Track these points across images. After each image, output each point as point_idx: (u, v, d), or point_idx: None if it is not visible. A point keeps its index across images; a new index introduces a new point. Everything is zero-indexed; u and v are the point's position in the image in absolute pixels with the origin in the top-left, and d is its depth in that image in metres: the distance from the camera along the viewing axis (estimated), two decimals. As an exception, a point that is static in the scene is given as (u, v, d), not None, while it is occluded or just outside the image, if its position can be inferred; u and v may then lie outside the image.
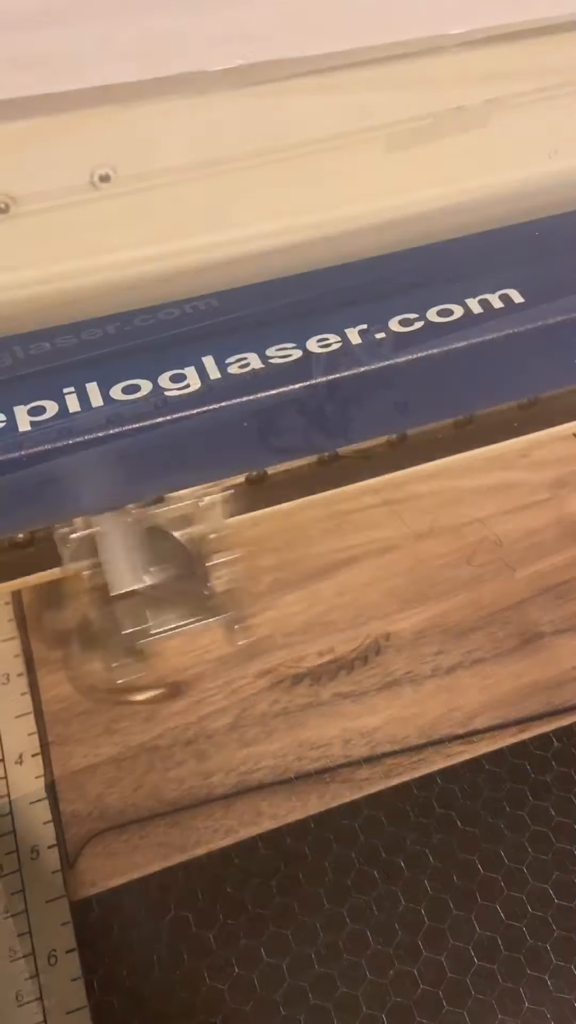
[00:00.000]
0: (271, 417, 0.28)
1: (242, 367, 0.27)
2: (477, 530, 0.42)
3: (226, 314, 0.30)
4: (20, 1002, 0.30)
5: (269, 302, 0.30)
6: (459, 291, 0.30)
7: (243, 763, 0.35)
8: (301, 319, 0.29)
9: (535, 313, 0.29)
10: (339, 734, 0.36)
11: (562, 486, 0.43)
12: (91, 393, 0.27)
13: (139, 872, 0.33)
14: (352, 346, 0.28)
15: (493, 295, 0.29)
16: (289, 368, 0.27)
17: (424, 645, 0.38)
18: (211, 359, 0.28)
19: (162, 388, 0.27)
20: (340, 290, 0.30)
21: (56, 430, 0.26)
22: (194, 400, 0.27)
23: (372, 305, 0.29)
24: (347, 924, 0.32)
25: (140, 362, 0.28)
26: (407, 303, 0.29)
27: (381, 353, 0.28)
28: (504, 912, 0.32)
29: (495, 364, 0.30)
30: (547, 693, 0.37)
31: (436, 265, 0.31)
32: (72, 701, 0.37)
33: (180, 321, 0.30)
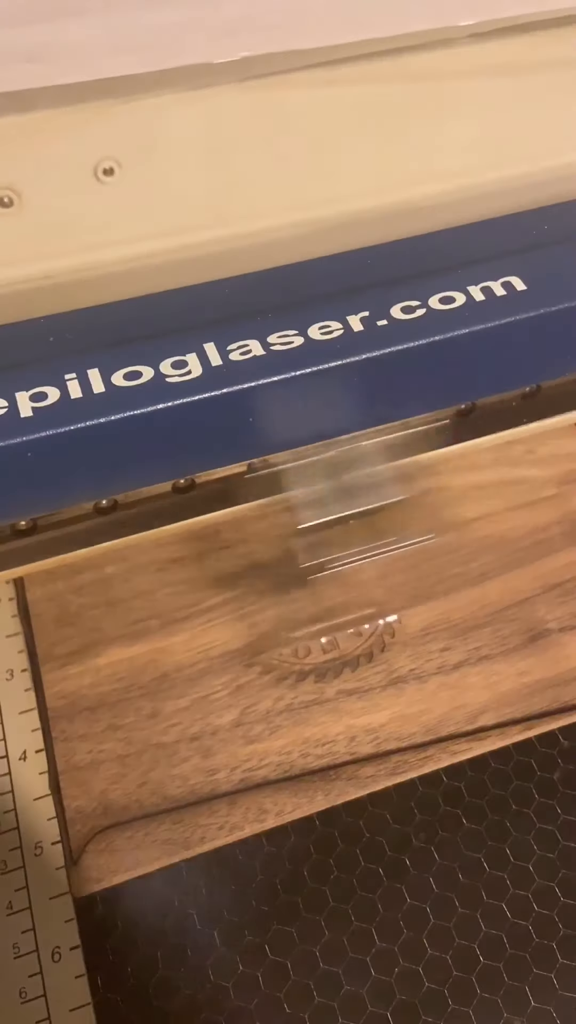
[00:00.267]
0: (273, 404, 0.28)
1: (243, 354, 0.27)
2: (483, 527, 0.42)
3: (228, 302, 0.30)
4: (23, 999, 0.30)
5: (271, 290, 0.30)
6: (462, 278, 0.30)
7: (248, 760, 0.35)
8: (303, 307, 0.29)
9: (537, 300, 0.29)
10: (344, 731, 0.36)
11: (568, 482, 0.43)
12: (93, 379, 0.27)
13: (143, 869, 0.33)
14: (354, 333, 0.28)
15: (495, 282, 0.29)
16: (290, 355, 0.27)
17: (430, 642, 0.38)
18: (212, 346, 0.28)
19: (163, 374, 0.27)
20: (342, 278, 0.30)
21: (58, 416, 0.26)
22: (195, 386, 0.27)
23: (374, 292, 0.29)
24: (352, 922, 0.32)
25: (141, 349, 0.28)
26: (409, 290, 0.29)
27: (383, 340, 0.28)
28: (510, 910, 0.32)
29: (497, 351, 0.30)
30: (553, 690, 0.36)
31: (439, 253, 0.31)
32: (76, 697, 0.37)
33: (181, 309, 0.30)
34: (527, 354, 0.30)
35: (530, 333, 0.29)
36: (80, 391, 0.27)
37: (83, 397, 0.26)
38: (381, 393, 0.29)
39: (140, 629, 0.38)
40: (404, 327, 0.28)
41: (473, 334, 0.28)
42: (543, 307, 0.29)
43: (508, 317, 0.29)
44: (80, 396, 0.26)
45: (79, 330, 0.29)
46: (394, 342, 0.28)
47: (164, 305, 0.30)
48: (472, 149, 0.34)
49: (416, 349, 0.28)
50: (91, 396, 0.26)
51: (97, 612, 0.39)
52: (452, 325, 0.28)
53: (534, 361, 0.31)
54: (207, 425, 0.28)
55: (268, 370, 0.27)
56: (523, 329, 0.29)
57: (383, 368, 0.28)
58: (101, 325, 0.29)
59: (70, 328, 0.29)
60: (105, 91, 0.30)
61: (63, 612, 0.39)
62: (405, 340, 0.28)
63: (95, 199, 0.32)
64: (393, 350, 0.28)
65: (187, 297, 0.30)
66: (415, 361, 0.28)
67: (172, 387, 0.27)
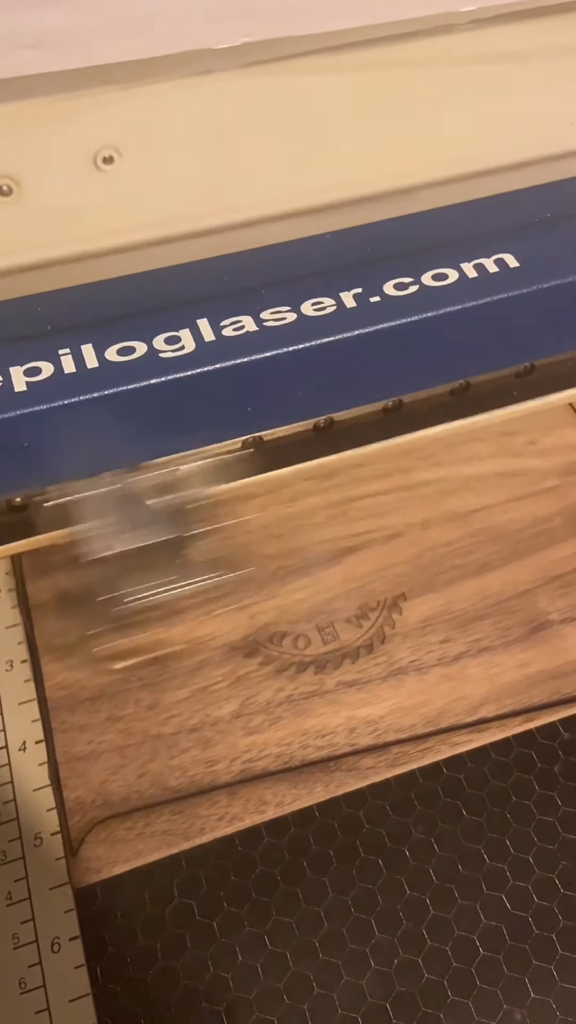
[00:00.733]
0: (265, 380, 0.28)
1: (237, 329, 0.28)
2: (484, 518, 0.42)
3: (222, 279, 0.30)
4: (23, 990, 0.30)
5: (265, 268, 0.30)
6: (455, 256, 0.30)
7: (247, 751, 0.35)
8: (296, 284, 0.29)
9: (530, 277, 0.29)
10: (344, 723, 0.35)
11: (570, 473, 0.43)
12: (86, 354, 0.27)
13: (143, 860, 0.33)
14: (347, 309, 0.28)
15: (488, 259, 0.29)
16: (283, 331, 0.28)
17: (430, 633, 0.38)
18: (206, 322, 0.28)
19: (157, 350, 0.27)
20: (336, 256, 0.30)
21: (51, 390, 0.26)
22: (188, 361, 0.27)
23: (368, 270, 0.29)
24: (352, 913, 0.32)
25: (135, 325, 0.28)
26: (402, 267, 0.29)
27: (375, 316, 0.28)
28: (510, 902, 0.32)
29: (490, 328, 0.30)
30: (554, 682, 0.36)
31: (433, 231, 0.31)
32: (76, 688, 0.36)
33: (175, 286, 0.30)
34: (520, 331, 0.30)
35: (523, 310, 0.29)
36: (74, 366, 0.27)
37: (76, 372, 0.27)
38: (374, 369, 0.29)
39: (140, 620, 0.38)
40: (397, 303, 0.28)
41: (466, 310, 0.28)
42: (535, 284, 0.29)
43: (501, 294, 0.29)
44: (74, 371, 0.27)
45: (73, 306, 0.29)
46: (387, 318, 0.28)
47: (158, 282, 0.30)
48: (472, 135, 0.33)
49: (409, 325, 0.28)
50: (84, 371, 0.27)
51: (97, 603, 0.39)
52: (445, 301, 0.28)
53: (527, 338, 0.31)
54: (200, 400, 0.28)
55: (261, 345, 0.27)
56: (516, 306, 0.29)
57: (376, 344, 0.28)
58: (95, 301, 0.29)
59: (64, 304, 0.29)
60: (104, 78, 0.30)
61: (63, 603, 0.39)
62: (398, 316, 0.28)
63: (94, 187, 0.32)
64: (386, 326, 0.28)
65: (181, 274, 0.30)
66: (408, 338, 0.28)
67: (165, 362, 0.27)
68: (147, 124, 0.31)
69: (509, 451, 0.44)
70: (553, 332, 0.31)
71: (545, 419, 0.45)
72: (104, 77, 0.30)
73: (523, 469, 0.43)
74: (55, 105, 0.30)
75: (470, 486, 0.43)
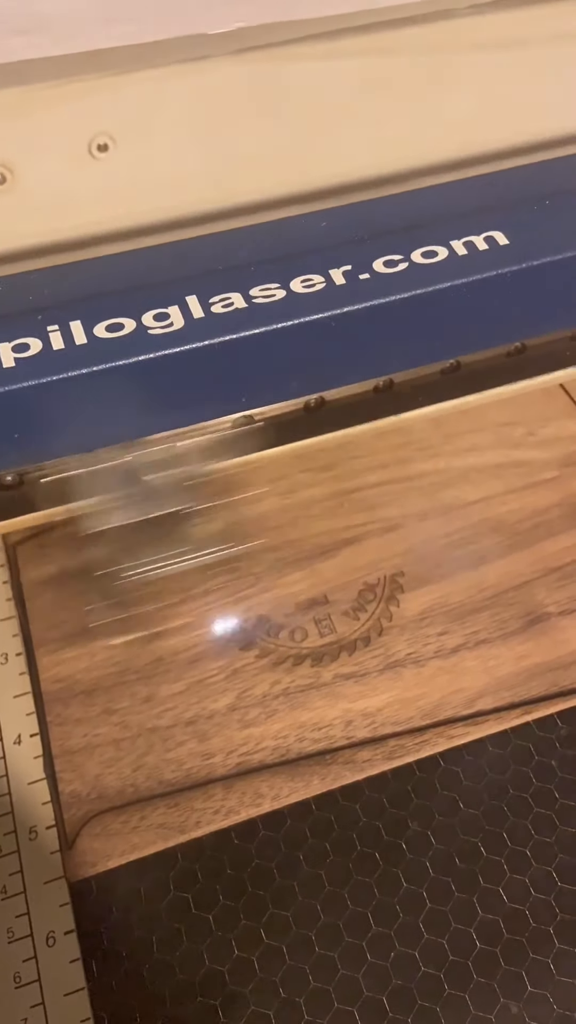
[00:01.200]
0: (254, 357, 0.28)
1: (226, 306, 0.28)
2: (482, 509, 0.41)
3: (212, 257, 0.30)
4: (18, 983, 0.30)
5: (255, 245, 0.30)
6: (445, 233, 0.30)
7: (244, 744, 0.35)
8: (287, 261, 0.29)
9: (520, 255, 0.29)
10: (341, 715, 0.35)
11: (569, 465, 0.43)
12: (75, 331, 0.27)
13: (138, 853, 0.32)
14: (336, 286, 0.28)
15: (479, 237, 0.30)
16: (272, 308, 0.28)
17: (427, 626, 0.38)
18: (195, 299, 0.28)
19: (145, 326, 0.27)
20: (327, 234, 0.30)
21: (40, 366, 0.26)
22: (177, 338, 0.27)
23: (357, 247, 0.30)
24: (348, 906, 0.32)
25: (124, 302, 0.28)
26: (392, 245, 0.29)
27: (364, 293, 0.28)
28: (507, 895, 0.32)
29: (480, 306, 0.30)
30: (552, 675, 0.36)
31: (423, 209, 0.32)
32: (71, 681, 0.36)
33: (165, 264, 0.30)
34: (510, 310, 0.30)
35: (513, 287, 0.29)
36: (62, 342, 0.27)
37: (65, 348, 0.27)
38: (363, 347, 0.29)
39: (136, 613, 0.38)
40: (386, 280, 0.28)
41: (455, 287, 0.28)
42: (525, 261, 0.29)
43: (490, 271, 0.29)
44: (62, 347, 0.27)
45: (63, 283, 0.29)
46: (375, 295, 0.28)
47: (148, 260, 0.30)
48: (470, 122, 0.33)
49: (398, 302, 0.28)
50: (73, 347, 0.27)
51: (92, 596, 0.39)
52: (434, 278, 0.28)
53: (518, 317, 0.31)
54: (189, 377, 0.28)
55: (250, 322, 0.27)
56: (506, 283, 0.29)
57: (365, 322, 0.28)
58: (85, 279, 0.30)
59: (54, 281, 0.30)
60: (99, 64, 0.30)
61: (58, 595, 0.39)
62: (387, 293, 0.28)
63: (89, 175, 0.32)
64: (375, 303, 0.28)
65: (171, 252, 0.30)
66: (397, 315, 0.28)
67: (154, 339, 0.27)
68: (142, 111, 0.31)
69: (507, 442, 0.44)
70: (543, 311, 0.31)
71: (544, 410, 0.45)
72: (98, 63, 0.30)
73: (522, 460, 0.43)
74: (48, 92, 0.30)
75: (468, 478, 0.42)
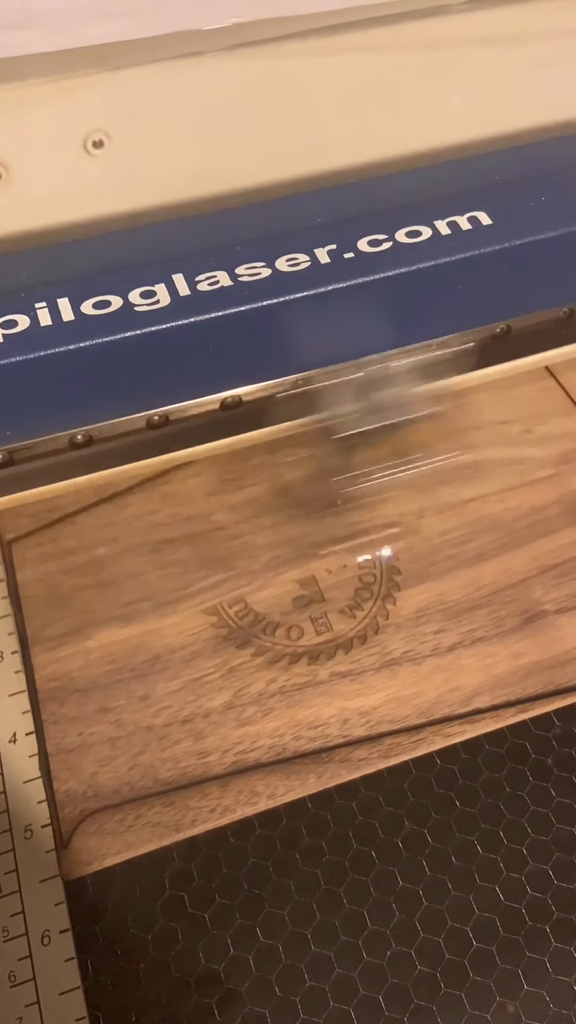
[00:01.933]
0: (239, 334, 0.28)
1: (211, 284, 0.28)
2: (479, 507, 0.41)
3: (199, 237, 0.31)
4: (13, 983, 0.30)
5: (242, 226, 0.31)
6: (429, 214, 0.30)
7: (239, 742, 0.35)
8: (273, 241, 0.30)
9: (502, 234, 0.30)
10: (337, 714, 0.35)
11: (567, 462, 0.43)
12: (62, 308, 0.28)
13: (134, 852, 0.32)
14: (320, 265, 0.29)
15: (462, 217, 0.30)
16: (257, 286, 0.28)
17: (424, 624, 0.38)
18: (181, 277, 0.29)
19: (132, 304, 0.28)
20: (313, 215, 0.31)
21: (27, 342, 0.27)
22: (163, 315, 0.27)
23: (343, 227, 0.30)
24: (344, 905, 0.31)
25: (111, 280, 0.29)
26: (377, 225, 0.30)
27: (347, 272, 0.28)
28: (503, 893, 0.32)
29: (463, 286, 0.30)
30: (549, 673, 0.36)
31: (410, 190, 0.32)
32: (67, 680, 0.36)
33: (152, 243, 0.30)
34: (494, 289, 0.31)
35: (496, 266, 0.30)
36: (50, 319, 0.27)
37: (52, 325, 0.27)
38: (349, 326, 0.29)
39: (132, 611, 0.38)
40: (369, 259, 0.29)
41: (438, 266, 0.29)
42: (507, 240, 0.29)
43: (473, 250, 0.29)
44: (50, 324, 0.27)
45: (51, 262, 0.30)
46: (358, 274, 0.29)
47: (135, 239, 0.31)
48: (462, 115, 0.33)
49: (380, 281, 0.28)
50: (60, 324, 0.27)
51: (88, 593, 0.39)
52: (418, 257, 0.29)
53: (501, 296, 0.31)
54: (174, 354, 0.28)
55: (234, 300, 0.28)
56: (489, 262, 0.29)
57: (347, 300, 0.28)
58: (73, 257, 0.30)
59: (42, 260, 0.30)
60: (94, 60, 0.29)
61: (54, 593, 0.39)
62: (369, 272, 0.28)
63: (85, 171, 0.32)
64: (357, 282, 0.28)
65: (159, 232, 0.31)
66: (379, 294, 0.29)
67: (140, 315, 0.27)
68: (137, 107, 0.31)
69: (505, 440, 0.44)
70: (526, 290, 0.31)
71: (541, 408, 0.45)
72: (93, 59, 0.29)
73: (519, 458, 0.43)
74: (44, 88, 0.30)
75: (465, 475, 0.42)
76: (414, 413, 0.32)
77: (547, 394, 0.45)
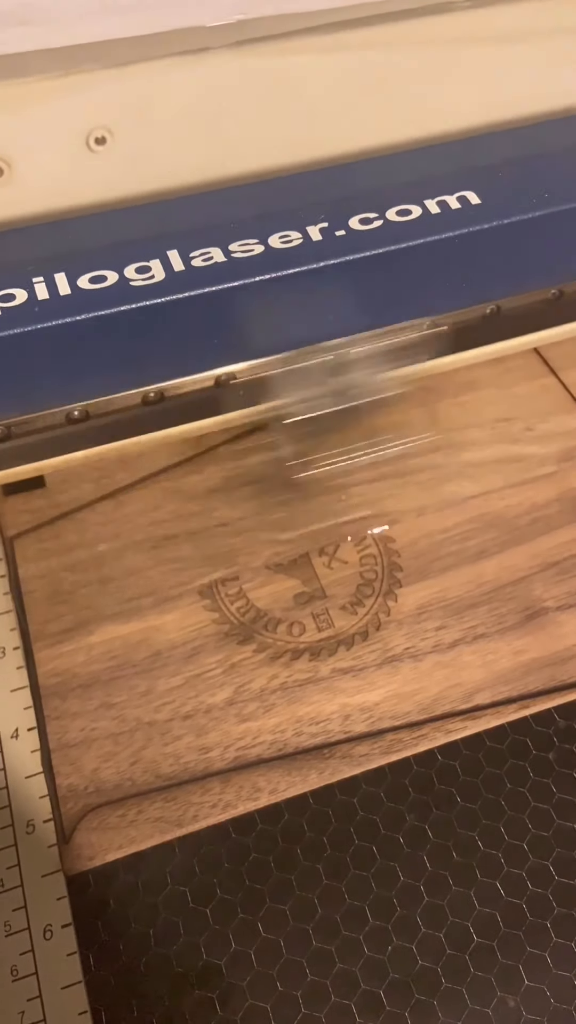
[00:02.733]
0: (232, 309, 0.29)
1: (205, 260, 0.29)
2: (480, 504, 0.41)
3: (194, 214, 0.31)
4: (15, 977, 0.30)
5: (236, 204, 0.31)
6: (419, 193, 0.31)
7: (241, 738, 0.35)
8: (266, 218, 0.30)
9: (491, 213, 0.30)
10: (338, 710, 0.35)
11: (568, 460, 0.43)
12: (59, 282, 0.28)
13: (136, 847, 0.32)
14: (312, 242, 0.29)
15: (451, 196, 0.31)
16: (250, 262, 0.29)
17: (425, 620, 0.38)
18: (176, 253, 0.29)
19: (127, 279, 0.28)
20: (307, 194, 0.32)
21: (24, 315, 0.27)
22: (157, 290, 0.28)
23: (335, 205, 0.31)
24: (345, 900, 0.32)
25: (107, 255, 0.29)
26: (368, 204, 0.31)
27: (339, 249, 0.29)
28: (504, 889, 0.32)
29: (452, 264, 0.30)
30: (550, 669, 0.36)
31: (401, 170, 0.33)
32: (69, 675, 0.36)
33: (148, 221, 0.31)
34: (483, 268, 0.31)
35: (484, 245, 0.30)
36: (47, 293, 0.28)
37: (49, 299, 0.28)
38: (338, 303, 0.30)
39: (133, 607, 0.38)
40: (361, 237, 0.29)
41: (428, 244, 0.29)
42: (496, 220, 0.30)
43: (462, 228, 0.30)
44: (47, 297, 0.28)
45: (49, 238, 0.31)
46: (350, 251, 0.29)
47: (132, 217, 0.31)
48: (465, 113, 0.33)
49: (371, 259, 0.29)
50: (57, 298, 0.28)
51: (90, 590, 0.39)
52: (407, 235, 0.29)
53: (490, 276, 0.32)
54: (168, 328, 0.28)
55: (228, 275, 0.28)
56: (477, 241, 0.30)
57: (339, 277, 0.29)
58: (70, 234, 0.31)
59: (40, 237, 0.31)
60: (97, 56, 0.30)
61: (56, 589, 0.39)
62: (360, 249, 0.29)
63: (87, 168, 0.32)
64: (348, 259, 0.29)
65: (155, 210, 0.32)
66: (370, 271, 0.29)
67: (135, 290, 0.28)
68: (140, 104, 0.31)
69: (506, 437, 0.44)
70: (515, 270, 0.32)
71: (542, 405, 0.45)
72: (97, 55, 0.29)
73: (520, 455, 0.43)
74: (47, 84, 0.30)
75: (466, 472, 0.42)
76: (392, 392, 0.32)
77: (548, 391, 0.46)
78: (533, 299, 0.32)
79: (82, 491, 0.42)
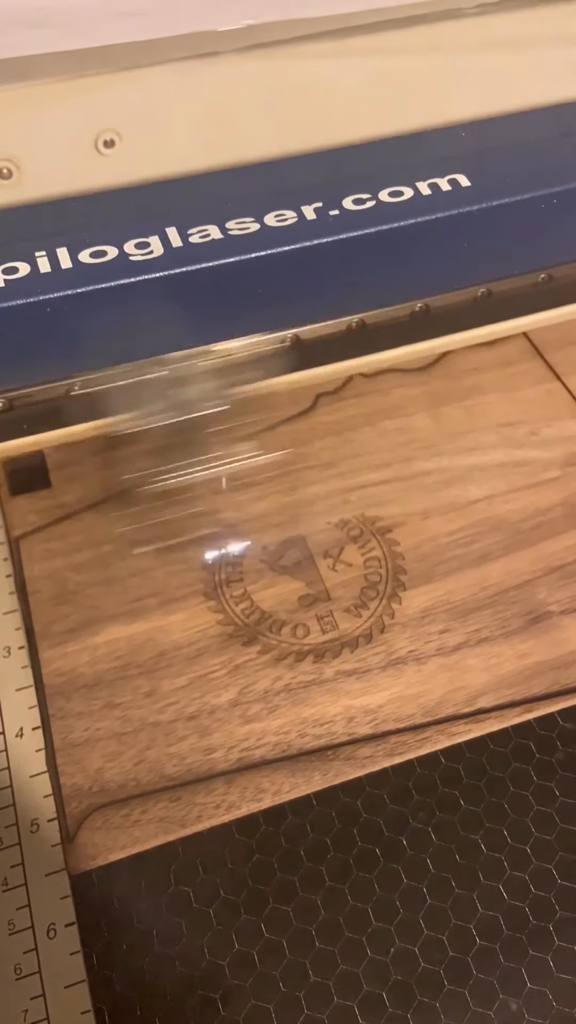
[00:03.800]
0: (226, 285, 0.30)
1: (203, 237, 0.30)
2: (485, 508, 0.41)
3: (192, 194, 0.32)
4: (19, 975, 0.30)
5: (233, 184, 0.32)
6: (412, 175, 0.32)
7: (245, 739, 0.35)
8: (263, 198, 0.31)
9: (480, 195, 0.31)
10: (342, 712, 0.35)
11: (572, 464, 0.43)
12: (61, 257, 0.29)
13: (139, 847, 0.32)
14: (307, 221, 0.30)
15: (442, 179, 0.32)
16: (246, 239, 0.30)
17: (429, 623, 0.38)
18: (174, 230, 0.30)
19: (127, 254, 0.29)
20: (302, 175, 0.33)
21: (26, 287, 0.28)
22: (156, 264, 0.29)
23: (329, 186, 0.32)
24: (348, 901, 0.32)
25: (108, 231, 0.30)
26: (362, 185, 0.32)
27: (332, 228, 0.30)
28: (507, 892, 0.32)
29: (443, 246, 0.31)
30: (553, 673, 0.36)
31: (395, 154, 0.33)
32: (74, 675, 0.36)
33: (148, 200, 0.32)
34: (473, 249, 0.32)
35: (474, 226, 0.31)
36: (49, 266, 0.29)
37: (51, 272, 0.29)
38: (331, 283, 0.31)
39: (138, 607, 0.38)
40: (353, 216, 0.30)
41: (419, 224, 0.30)
42: (486, 201, 0.31)
43: (452, 209, 0.31)
44: (49, 271, 0.29)
45: (51, 216, 0.31)
46: (343, 230, 0.30)
47: (133, 196, 0.32)
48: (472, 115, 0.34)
49: (363, 237, 0.30)
50: (59, 271, 0.29)
51: (95, 590, 0.39)
52: (399, 215, 0.30)
53: (480, 257, 0.32)
54: (165, 304, 0.29)
55: (224, 251, 0.29)
56: (467, 222, 0.31)
57: (333, 255, 0.30)
58: (72, 212, 0.31)
59: (43, 214, 0.31)
60: (107, 60, 0.30)
61: (61, 590, 0.39)
62: (353, 228, 0.30)
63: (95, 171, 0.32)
64: (341, 237, 0.30)
65: (154, 190, 0.32)
66: (363, 250, 0.30)
67: (134, 265, 0.29)
68: (149, 107, 0.31)
69: (510, 442, 0.44)
70: (505, 252, 0.32)
71: (546, 410, 0.45)
72: (106, 59, 0.30)
73: (524, 460, 0.43)
74: (56, 86, 0.30)
75: (471, 476, 0.43)
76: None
77: (553, 397, 0.46)
78: (523, 283, 0.32)
79: (87, 492, 0.42)
